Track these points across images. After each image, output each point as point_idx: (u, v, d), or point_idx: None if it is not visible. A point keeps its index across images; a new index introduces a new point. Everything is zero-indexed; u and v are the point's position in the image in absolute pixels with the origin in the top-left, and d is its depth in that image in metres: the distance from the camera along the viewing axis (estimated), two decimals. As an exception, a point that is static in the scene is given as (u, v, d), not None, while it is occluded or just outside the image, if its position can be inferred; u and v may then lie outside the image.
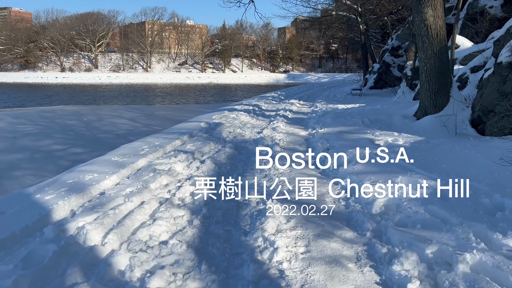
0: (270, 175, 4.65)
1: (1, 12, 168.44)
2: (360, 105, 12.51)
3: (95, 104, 34.21)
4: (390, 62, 17.61)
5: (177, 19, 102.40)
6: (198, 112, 26.87)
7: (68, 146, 14.94)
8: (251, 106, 13.61)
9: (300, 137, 7.36)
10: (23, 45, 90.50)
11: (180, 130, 7.88)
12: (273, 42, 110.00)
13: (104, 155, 6.71)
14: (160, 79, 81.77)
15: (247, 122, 9.77)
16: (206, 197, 3.73)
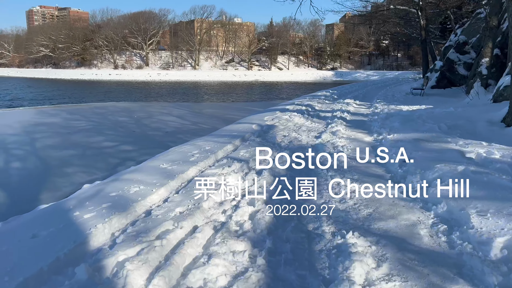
0: (341, 194, 3.88)
1: (61, 12, 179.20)
2: (427, 107, 11.40)
3: (145, 101, 34.89)
4: (455, 59, 16.02)
5: (225, 17, 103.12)
6: (245, 111, 26.50)
7: (118, 143, 15.00)
8: (304, 106, 12.87)
9: (365, 143, 6.54)
10: (80, 44, 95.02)
11: (231, 133, 7.32)
12: (321, 39, 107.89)
13: (152, 159, 6.28)
14: (207, 76, 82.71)
15: (302, 124, 9.08)
16: (268, 222, 3.09)
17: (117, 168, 11.31)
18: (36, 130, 17.43)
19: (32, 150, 13.69)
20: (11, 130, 17.20)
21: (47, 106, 29.41)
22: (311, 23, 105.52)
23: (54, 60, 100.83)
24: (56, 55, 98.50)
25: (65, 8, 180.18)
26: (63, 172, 11.00)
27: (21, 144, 14.63)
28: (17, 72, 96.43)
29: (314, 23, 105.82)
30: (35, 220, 3.14)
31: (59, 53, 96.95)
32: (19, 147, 14.08)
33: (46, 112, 24.37)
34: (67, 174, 10.83)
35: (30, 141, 15.14)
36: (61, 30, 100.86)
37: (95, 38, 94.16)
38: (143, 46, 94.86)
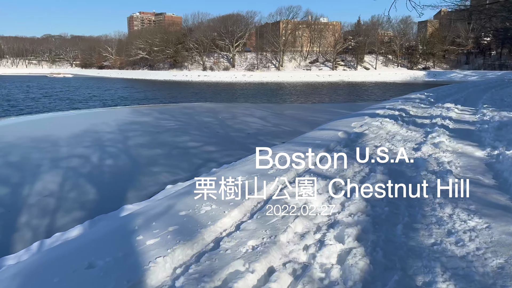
0: (457, 233, 2.96)
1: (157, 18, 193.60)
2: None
3: (229, 102, 35.63)
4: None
5: (311, 17, 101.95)
6: (329, 113, 25.56)
7: (202, 143, 15.24)
8: (397, 111, 11.60)
9: (477, 160, 5.52)
10: (173, 47, 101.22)
11: (314, 141, 6.69)
12: (412, 37, 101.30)
13: (229, 167, 5.96)
14: (291, 77, 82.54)
15: (396, 132, 8.06)
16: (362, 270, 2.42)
17: (200, 169, 11.38)
18: (129, 129, 18.52)
19: (124, 148, 14.44)
20: (108, 128, 18.47)
21: (141, 105, 31.45)
22: (402, 20, 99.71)
23: (150, 62, 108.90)
24: (151, 58, 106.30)
25: (161, 14, 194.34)
26: (149, 171, 11.33)
27: (114, 142, 15.55)
28: (118, 74, 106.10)
29: (405, 20, 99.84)
30: (98, 241, 2.91)
31: (154, 55, 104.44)
32: (112, 145, 14.96)
33: (140, 111, 25.97)
34: (153, 173, 11.12)
35: (123, 139, 16.06)
36: (156, 34, 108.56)
37: (186, 41, 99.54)
38: (230, 48, 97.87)
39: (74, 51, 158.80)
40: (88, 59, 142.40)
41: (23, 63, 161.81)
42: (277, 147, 6.30)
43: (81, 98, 40.39)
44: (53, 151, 13.15)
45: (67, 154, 12.83)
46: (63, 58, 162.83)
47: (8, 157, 12.07)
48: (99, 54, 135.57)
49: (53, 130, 17.91)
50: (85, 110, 28.69)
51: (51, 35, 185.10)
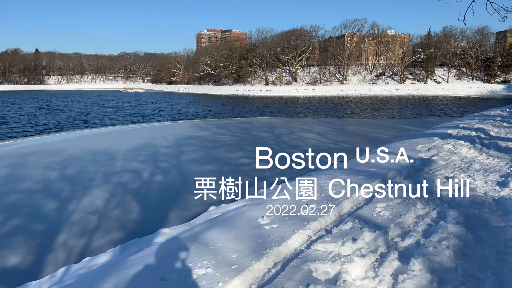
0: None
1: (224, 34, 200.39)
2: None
3: (290, 116, 35.01)
4: None
5: (377, 29, 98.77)
6: (394, 129, 23.86)
7: (254, 160, 14.75)
8: (473, 131, 10.05)
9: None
10: (237, 62, 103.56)
11: (368, 168, 5.72)
12: (489, 49, 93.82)
13: (255, 203, 5.24)
14: (355, 91, 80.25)
15: (474, 159, 6.69)
16: None
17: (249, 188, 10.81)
18: (185, 143, 18.63)
19: (177, 163, 14.37)
20: (165, 142, 18.72)
21: (201, 120, 31.95)
22: (478, 31, 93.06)
23: (215, 78, 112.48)
24: (216, 73, 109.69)
25: (227, 31, 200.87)
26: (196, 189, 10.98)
27: (169, 156, 15.60)
28: (185, 89, 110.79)
29: (481, 30, 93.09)
30: None
31: (219, 71, 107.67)
32: (166, 160, 14.98)
33: (199, 126, 26.29)
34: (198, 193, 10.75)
35: (178, 153, 16.09)
36: (221, 51, 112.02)
37: (250, 56, 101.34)
38: (292, 62, 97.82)
39: (147, 67, 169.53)
40: (158, 75, 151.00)
41: (101, 79, 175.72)
42: (322, 173, 5.44)
43: (149, 112, 42.32)
44: (108, 165, 13.39)
45: (120, 168, 12.97)
46: (136, 74, 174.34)
47: (66, 170, 12.44)
48: (168, 70, 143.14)
49: (114, 143, 18.50)
50: (148, 124, 29.74)
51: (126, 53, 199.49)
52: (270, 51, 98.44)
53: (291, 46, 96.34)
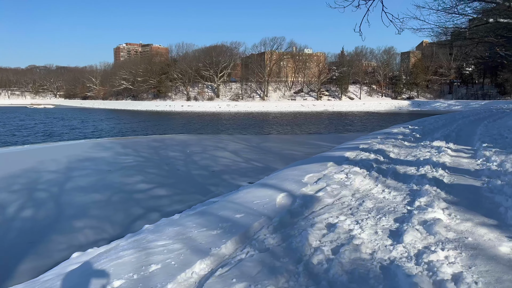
0: None
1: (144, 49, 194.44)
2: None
3: (210, 133, 33.61)
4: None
5: (295, 48, 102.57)
6: (307, 146, 23.63)
7: (155, 185, 13.06)
8: (372, 153, 9.29)
9: (506, 266, 3.23)
10: (156, 77, 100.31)
11: (235, 212, 4.43)
12: (396, 68, 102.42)
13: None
14: (275, 107, 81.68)
15: (367, 194, 5.73)
16: None
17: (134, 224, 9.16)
18: (78, 167, 16.32)
19: (57, 193, 12.22)
20: (54, 166, 16.27)
21: (107, 138, 29.19)
22: (385, 51, 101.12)
23: (133, 93, 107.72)
24: (135, 88, 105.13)
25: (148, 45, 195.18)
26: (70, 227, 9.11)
27: (51, 184, 13.32)
28: (101, 104, 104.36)
29: (388, 51, 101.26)
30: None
31: (138, 86, 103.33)
32: (46, 188, 12.73)
33: (102, 145, 23.76)
34: (73, 230, 8.89)
35: (63, 180, 13.84)
36: (140, 65, 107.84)
37: (170, 71, 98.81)
38: (214, 78, 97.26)
39: (59, 81, 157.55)
40: (72, 90, 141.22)
41: (6, 93, 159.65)
42: (164, 227, 3.97)
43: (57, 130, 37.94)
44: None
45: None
46: (47, 89, 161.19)
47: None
48: (83, 85, 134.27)
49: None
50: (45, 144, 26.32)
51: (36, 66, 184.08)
52: (191, 66, 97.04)
53: (213, 61, 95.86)
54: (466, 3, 13.56)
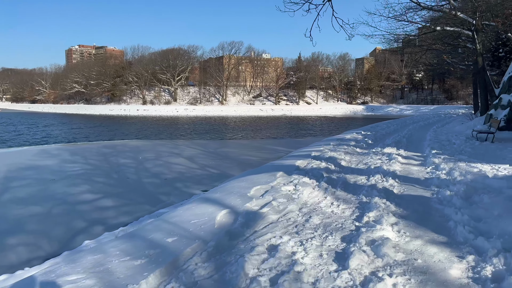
0: None
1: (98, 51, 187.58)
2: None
3: (162, 138, 32.54)
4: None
5: (254, 52, 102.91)
6: (264, 151, 23.45)
7: (101, 195, 12.25)
8: (323, 162, 8.96)
9: None
10: (111, 80, 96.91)
11: (167, 234, 3.85)
12: (350, 73, 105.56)
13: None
14: (234, 111, 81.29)
15: (314, 208, 5.39)
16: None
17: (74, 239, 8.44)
18: (18, 176, 15.08)
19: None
20: (-10, 176, 14.90)
21: (54, 144, 27.50)
22: (340, 57, 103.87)
23: (86, 96, 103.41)
24: (87, 91, 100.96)
25: (102, 47, 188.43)
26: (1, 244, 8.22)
27: (-16, 196, 12.13)
28: (51, 108, 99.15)
29: (343, 57, 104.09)
30: None
31: (91, 89, 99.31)
32: (-22, 202, 11.55)
33: (48, 152, 22.29)
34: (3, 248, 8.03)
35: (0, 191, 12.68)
36: (93, 67, 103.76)
37: (125, 74, 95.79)
38: (171, 81, 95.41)
39: (5, 84, 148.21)
40: (19, 93, 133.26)
41: None
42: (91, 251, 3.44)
43: None
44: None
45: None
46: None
47: None
48: (32, 88, 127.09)
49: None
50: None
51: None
52: (147, 69, 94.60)
53: (170, 65, 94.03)
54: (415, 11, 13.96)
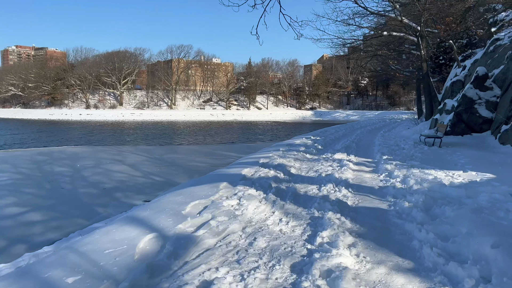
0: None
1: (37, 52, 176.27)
2: (481, 176, 6.89)
3: (104, 144, 30.64)
4: (474, 98, 12.41)
5: (203, 57, 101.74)
6: (214, 156, 22.66)
7: (28, 209, 10.89)
8: (272, 169, 8.35)
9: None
10: (51, 83, 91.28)
11: (60, 279, 2.57)
12: (299, 79, 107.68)
13: None
14: (183, 116, 79.53)
15: (260, 227, 4.67)
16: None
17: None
18: None
19: None
20: None
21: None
22: (289, 63, 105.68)
23: (23, 100, 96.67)
24: (25, 95, 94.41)
25: (42, 48, 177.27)
26: None
27: None
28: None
29: (292, 63, 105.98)
30: None
31: (29, 92, 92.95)
32: None
33: (-28, 161, 20.03)
34: None
35: None
36: (31, 69, 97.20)
37: (67, 77, 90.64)
38: (117, 85, 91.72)
39: None
40: None
41: None
42: None
43: None
44: None
45: None
46: None
47: None
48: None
49: None
50: None
51: None
52: (91, 72, 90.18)
53: (115, 67, 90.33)
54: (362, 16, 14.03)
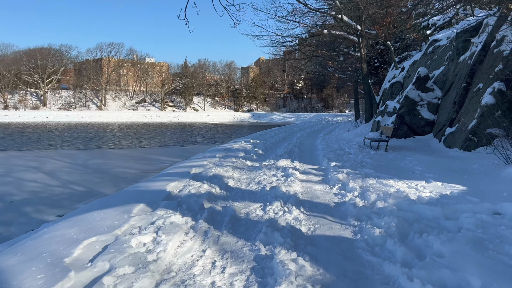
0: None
1: None
2: (452, 189, 6.22)
3: (20, 149, 27.25)
4: (417, 99, 12.26)
5: (136, 56, 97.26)
6: (145, 161, 20.83)
7: None
8: (206, 182, 7.16)
9: None
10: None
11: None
12: (237, 81, 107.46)
13: None
14: (115, 117, 75.14)
15: (182, 281, 3.28)
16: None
17: None
18: None
19: None
20: None
21: None
22: (227, 65, 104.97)
23: None
24: None
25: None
26: None
27: None
28: None
29: (229, 65, 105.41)
30: None
31: None
32: None
33: None
34: None
35: None
36: None
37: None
38: (40, 84, 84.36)
39: None
40: None
41: None
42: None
43: None
44: None
45: None
46: None
47: None
48: None
49: None
50: None
51: None
52: (10, 70, 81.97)
53: (38, 65, 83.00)
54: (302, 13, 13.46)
